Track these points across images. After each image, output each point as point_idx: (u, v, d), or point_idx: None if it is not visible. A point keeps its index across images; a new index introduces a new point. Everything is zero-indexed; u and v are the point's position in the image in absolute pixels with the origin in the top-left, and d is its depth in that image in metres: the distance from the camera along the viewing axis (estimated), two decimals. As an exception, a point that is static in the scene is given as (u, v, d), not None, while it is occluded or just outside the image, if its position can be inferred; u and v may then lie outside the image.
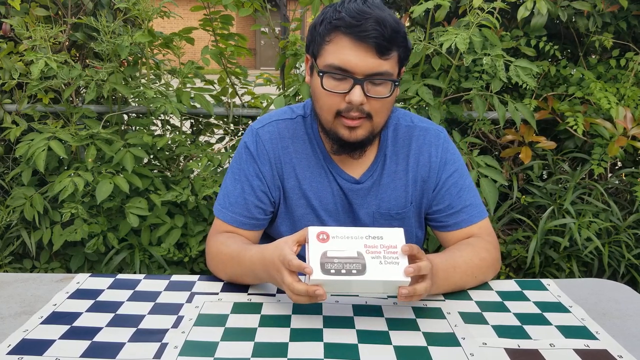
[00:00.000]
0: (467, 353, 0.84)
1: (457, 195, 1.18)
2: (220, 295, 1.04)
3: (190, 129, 2.65)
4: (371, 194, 1.18)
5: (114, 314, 0.97)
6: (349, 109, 1.03)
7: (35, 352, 0.85)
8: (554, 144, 2.26)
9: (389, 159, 1.18)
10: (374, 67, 1.00)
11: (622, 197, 2.43)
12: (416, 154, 1.18)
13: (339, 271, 0.86)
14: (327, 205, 1.17)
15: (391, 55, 1.01)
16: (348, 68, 1.00)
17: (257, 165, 1.16)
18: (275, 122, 1.19)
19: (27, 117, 2.36)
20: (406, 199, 1.19)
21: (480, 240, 1.15)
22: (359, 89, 1.00)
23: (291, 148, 1.17)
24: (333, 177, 1.17)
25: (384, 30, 0.97)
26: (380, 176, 1.18)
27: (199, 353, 0.84)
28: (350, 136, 1.06)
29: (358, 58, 0.99)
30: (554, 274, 2.25)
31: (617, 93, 2.22)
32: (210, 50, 2.32)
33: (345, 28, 0.99)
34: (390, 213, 1.18)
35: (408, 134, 1.19)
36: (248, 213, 1.16)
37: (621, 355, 0.84)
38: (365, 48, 0.98)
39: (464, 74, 2.30)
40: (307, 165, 1.17)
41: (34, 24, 2.10)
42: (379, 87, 1.02)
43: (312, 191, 1.17)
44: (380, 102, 1.03)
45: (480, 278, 1.10)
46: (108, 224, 2.21)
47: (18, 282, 1.11)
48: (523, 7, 2.00)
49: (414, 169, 1.18)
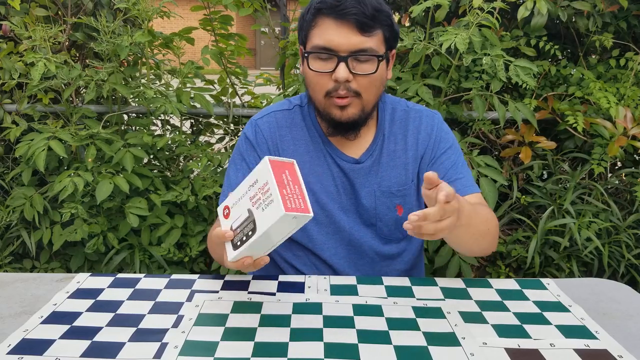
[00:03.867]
0: (467, 353, 0.84)
1: (452, 169, 1.21)
2: (220, 294, 1.04)
3: (190, 129, 2.65)
4: (372, 173, 1.20)
5: (114, 313, 0.97)
6: (336, 87, 1.06)
7: (36, 351, 0.84)
8: (554, 144, 2.26)
9: (387, 139, 1.21)
10: (356, 43, 1.03)
11: (622, 197, 2.43)
12: (414, 133, 1.22)
13: (243, 240, 0.87)
14: (328, 187, 1.20)
15: (374, 33, 1.04)
16: (331, 47, 1.04)
17: (257, 152, 1.21)
18: (273, 113, 1.24)
19: (27, 117, 2.36)
20: (407, 176, 1.21)
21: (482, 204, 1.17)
22: (343, 65, 1.03)
23: (289, 136, 1.21)
24: (332, 159, 1.19)
25: (365, 8, 1.01)
26: (380, 155, 1.21)
27: (199, 353, 0.84)
28: (342, 115, 1.09)
29: (340, 36, 1.03)
30: (554, 274, 2.25)
31: (617, 93, 2.22)
32: (210, 50, 2.32)
33: (327, 10, 1.03)
34: (391, 190, 1.20)
35: (405, 117, 1.24)
36: None
37: (621, 355, 0.84)
38: (347, 26, 1.02)
39: (463, 73, 2.30)
40: (305, 151, 1.20)
41: (33, 24, 2.10)
42: (364, 64, 1.05)
43: (312, 175, 1.19)
44: (368, 78, 1.06)
45: (492, 232, 1.11)
46: (108, 224, 2.21)
47: (18, 282, 1.11)
48: (523, 7, 2.00)
49: (413, 148, 1.22)
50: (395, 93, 2.16)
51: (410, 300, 1.02)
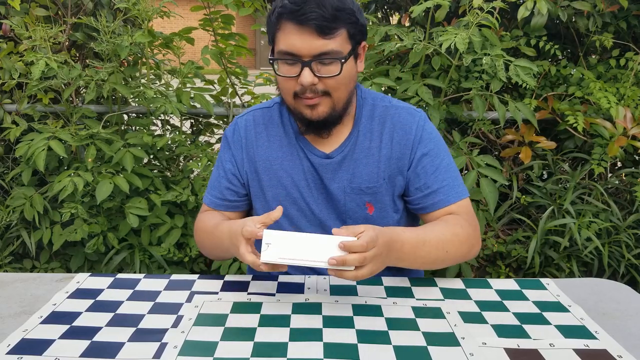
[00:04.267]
0: (467, 353, 0.84)
1: (433, 175, 1.18)
2: (220, 295, 1.04)
3: (190, 129, 2.65)
4: (343, 169, 1.20)
5: (114, 313, 0.97)
6: (303, 90, 1.07)
7: (35, 351, 0.85)
8: (554, 144, 2.26)
9: (363, 135, 1.21)
10: (318, 47, 1.03)
11: (622, 197, 2.43)
12: (390, 131, 1.20)
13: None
14: (298, 182, 1.21)
15: (336, 34, 1.05)
16: (294, 51, 1.05)
17: (231, 150, 1.27)
18: (252, 112, 1.29)
19: (27, 117, 2.36)
20: (378, 174, 1.19)
21: (457, 217, 1.16)
22: (307, 70, 1.05)
23: (264, 133, 1.24)
24: (304, 153, 1.21)
25: (324, 10, 1.02)
26: (352, 151, 1.20)
27: (199, 353, 0.84)
28: (312, 114, 1.11)
29: (302, 41, 1.03)
30: (554, 274, 2.25)
31: (617, 93, 2.22)
32: (210, 50, 2.32)
33: (288, 14, 1.04)
34: (361, 187, 1.19)
35: (384, 113, 1.22)
36: (220, 195, 1.27)
37: (621, 355, 0.84)
38: (308, 30, 1.03)
39: (463, 74, 2.30)
40: (279, 146, 1.23)
41: (33, 24, 2.10)
42: (328, 66, 1.06)
43: (284, 170, 1.22)
44: (333, 80, 1.07)
45: (452, 253, 1.11)
46: (108, 224, 2.21)
47: (18, 282, 1.11)
48: (523, 7, 2.00)
49: (387, 146, 1.20)
50: (395, 93, 2.16)
51: (410, 300, 1.02)
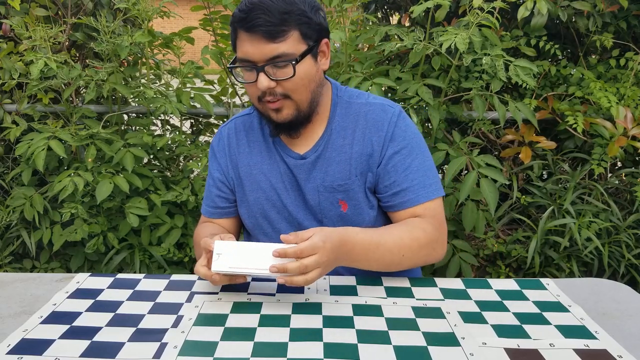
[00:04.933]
0: (467, 353, 0.84)
1: (404, 174, 1.17)
2: (220, 295, 1.04)
3: (190, 129, 2.65)
4: (316, 169, 1.20)
5: (114, 313, 0.97)
6: (263, 94, 1.10)
7: (35, 351, 0.85)
8: (554, 144, 2.26)
9: (336, 133, 1.21)
10: (269, 52, 1.05)
11: (622, 197, 2.43)
12: (363, 128, 1.20)
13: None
14: (276, 185, 1.23)
15: (286, 37, 1.05)
16: (248, 58, 1.07)
17: (217, 159, 1.30)
18: (234, 120, 1.31)
19: (27, 117, 2.36)
20: (350, 171, 1.19)
21: (420, 220, 1.15)
22: (263, 75, 1.06)
23: (244, 140, 1.27)
24: (280, 156, 1.23)
25: (270, 15, 1.03)
26: (325, 150, 1.20)
27: (199, 353, 0.84)
28: (278, 117, 1.13)
29: (252, 47, 1.05)
30: (554, 274, 2.25)
31: (617, 93, 2.22)
32: (210, 50, 2.32)
33: (238, 23, 1.06)
34: (333, 185, 1.19)
35: (358, 110, 1.22)
36: (213, 203, 1.31)
37: (621, 355, 0.84)
38: (257, 37, 1.04)
39: (463, 74, 2.30)
40: (258, 151, 1.26)
41: (33, 24, 2.10)
42: (283, 69, 1.07)
43: (263, 174, 1.24)
44: (290, 82, 1.08)
45: (409, 257, 1.10)
46: (108, 224, 2.21)
47: (18, 282, 1.11)
48: (523, 7, 2.00)
49: (359, 143, 1.19)
50: (395, 93, 2.16)
51: (410, 300, 1.02)
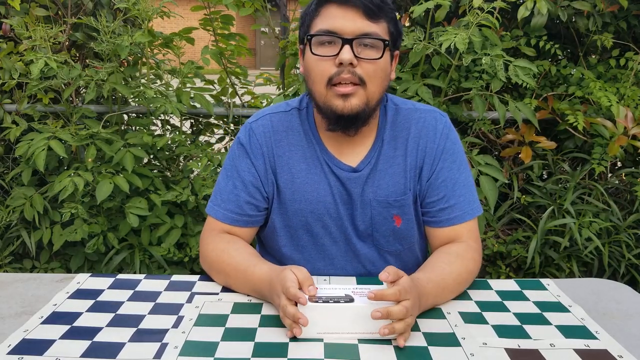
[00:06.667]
0: (468, 353, 0.84)
1: (452, 189, 1.13)
2: (221, 296, 1.04)
3: (190, 129, 2.65)
4: (369, 182, 1.13)
5: (114, 314, 0.97)
6: (339, 72, 1.01)
7: (36, 352, 0.85)
8: (554, 144, 2.26)
9: (387, 143, 1.14)
10: (362, 27, 1.00)
11: (622, 197, 2.43)
12: (415, 138, 1.14)
13: (327, 301, 0.88)
14: (324, 198, 1.14)
15: (380, 22, 1.03)
16: (336, 30, 1.01)
17: (250, 159, 1.15)
18: (269, 116, 1.18)
19: (27, 117, 2.36)
20: (405, 185, 1.14)
21: (468, 249, 1.12)
22: (348, 48, 1.00)
23: (285, 141, 1.15)
24: (329, 167, 1.13)
25: None
26: (377, 162, 1.13)
27: (199, 353, 0.84)
28: (344, 106, 1.02)
29: (345, 19, 1.00)
30: (554, 274, 2.25)
31: (617, 93, 2.22)
32: (210, 50, 2.32)
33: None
34: (389, 200, 1.13)
35: (408, 117, 1.16)
36: (239, 210, 1.15)
37: (621, 355, 0.84)
38: (353, 11, 1.00)
39: (463, 73, 2.30)
40: (302, 158, 1.14)
41: (33, 24, 2.10)
42: (369, 50, 1.02)
43: (308, 184, 1.14)
44: (373, 66, 1.02)
45: (465, 287, 1.08)
46: (108, 224, 2.21)
47: (18, 282, 1.11)
48: (523, 7, 2.00)
49: (412, 154, 1.14)
50: (395, 93, 2.16)
51: (410, 300, 1.02)
